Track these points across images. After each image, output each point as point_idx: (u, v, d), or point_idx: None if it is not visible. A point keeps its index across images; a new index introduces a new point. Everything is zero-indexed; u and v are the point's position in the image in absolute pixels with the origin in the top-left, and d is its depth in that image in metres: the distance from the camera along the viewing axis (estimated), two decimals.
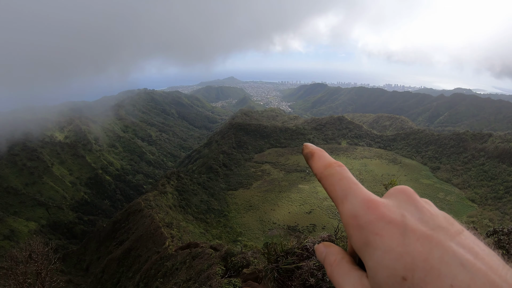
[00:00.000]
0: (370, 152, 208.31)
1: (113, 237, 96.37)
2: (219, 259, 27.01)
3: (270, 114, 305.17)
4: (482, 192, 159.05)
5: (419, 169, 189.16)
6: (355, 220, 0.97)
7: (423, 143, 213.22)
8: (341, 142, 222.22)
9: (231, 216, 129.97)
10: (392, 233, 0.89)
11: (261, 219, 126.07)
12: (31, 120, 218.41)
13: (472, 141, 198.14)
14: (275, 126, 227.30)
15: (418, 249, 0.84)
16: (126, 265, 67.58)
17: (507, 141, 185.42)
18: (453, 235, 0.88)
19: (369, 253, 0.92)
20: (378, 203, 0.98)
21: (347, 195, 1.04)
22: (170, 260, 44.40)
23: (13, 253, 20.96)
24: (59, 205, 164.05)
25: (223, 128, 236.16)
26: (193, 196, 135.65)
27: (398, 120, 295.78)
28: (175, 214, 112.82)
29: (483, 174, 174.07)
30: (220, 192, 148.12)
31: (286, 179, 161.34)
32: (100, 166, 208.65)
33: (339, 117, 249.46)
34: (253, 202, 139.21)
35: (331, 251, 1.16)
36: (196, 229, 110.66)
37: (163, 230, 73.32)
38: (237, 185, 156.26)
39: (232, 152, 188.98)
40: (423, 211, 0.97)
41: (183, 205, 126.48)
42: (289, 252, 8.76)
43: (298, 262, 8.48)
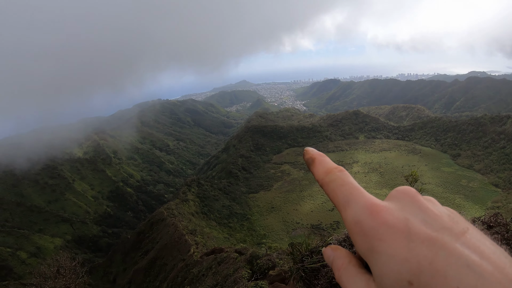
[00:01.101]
0: (389, 144, 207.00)
1: (138, 247, 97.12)
2: (245, 262, 27.10)
3: (285, 114, 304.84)
4: (505, 176, 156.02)
5: (440, 157, 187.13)
6: (358, 227, 0.97)
7: (441, 130, 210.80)
8: (359, 136, 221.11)
9: (254, 219, 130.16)
10: (396, 238, 0.89)
11: (284, 220, 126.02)
12: (50, 139, 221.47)
13: (491, 125, 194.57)
14: (291, 126, 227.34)
15: (423, 253, 0.83)
16: (153, 275, 68.09)
17: None
18: (458, 235, 0.87)
19: (374, 259, 0.92)
20: (380, 208, 0.97)
21: (349, 201, 1.03)
22: (196, 267, 44.63)
23: (41, 270, 21.30)
24: (83, 220, 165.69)
25: (239, 132, 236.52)
26: (215, 202, 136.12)
27: (414, 109, 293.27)
28: (198, 221, 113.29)
29: (505, 157, 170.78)
30: (241, 196, 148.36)
31: (306, 178, 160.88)
32: (120, 179, 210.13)
33: (354, 112, 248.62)
34: (275, 204, 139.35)
35: (338, 255, 1.15)
36: (220, 234, 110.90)
37: (187, 237, 73.72)
38: (257, 188, 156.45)
39: (250, 155, 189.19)
40: (427, 212, 0.96)
41: (205, 211, 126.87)
42: (313, 251, 8.07)
43: (323, 260, 8.24)
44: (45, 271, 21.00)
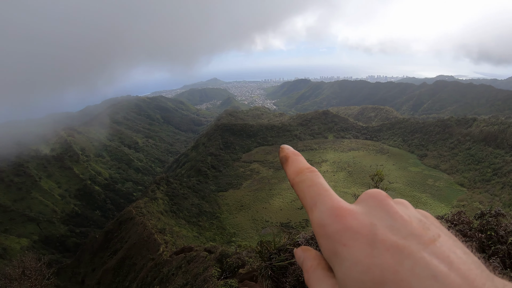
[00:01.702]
0: (357, 143, 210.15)
1: (106, 247, 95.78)
2: (214, 261, 26.97)
3: (255, 113, 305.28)
4: (470, 176, 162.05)
5: (407, 157, 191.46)
6: (323, 229, 0.95)
7: (409, 131, 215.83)
8: (328, 136, 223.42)
9: (223, 218, 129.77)
10: (360, 244, 0.86)
11: (253, 218, 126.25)
12: (15, 135, 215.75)
13: (457, 127, 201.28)
14: (261, 125, 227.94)
15: (387, 261, 0.80)
16: (122, 275, 67.23)
17: (492, 124, 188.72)
18: (426, 243, 0.84)
19: (338, 264, 0.89)
20: (346, 212, 0.95)
21: (316, 202, 1.02)
22: (166, 266, 44.26)
23: (6, 271, 20.72)
24: (49, 219, 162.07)
25: (209, 130, 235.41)
26: (184, 200, 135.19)
27: (382, 110, 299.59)
28: (167, 219, 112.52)
29: (470, 158, 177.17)
30: (211, 194, 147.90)
31: (275, 176, 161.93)
32: (88, 177, 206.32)
33: (324, 112, 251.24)
34: (244, 202, 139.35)
35: (308, 256, 1.12)
36: (190, 233, 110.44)
37: (156, 236, 73.05)
38: (227, 186, 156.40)
39: (219, 153, 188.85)
40: (395, 217, 0.92)
41: (174, 210, 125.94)
42: (281, 249, 9.24)
43: (291, 258, 8.69)
44: (10, 273, 20.44)
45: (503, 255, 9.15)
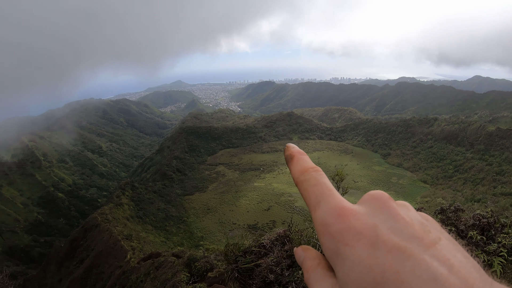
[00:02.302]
0: (322, 144, 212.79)
1: (72, 256, 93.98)
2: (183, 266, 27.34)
3: (220, 116, 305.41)
4: (433, 173, 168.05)
5: (371, 156, 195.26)
6: (326, 228, 0.94)
7: (372, 131, 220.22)
8: (293, 137, 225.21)
9: (190, 221, 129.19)
10: (362, 244, 0.85)
11: (220, 221, 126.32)
12: None
13: (419, 126, 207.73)
14: (226, 127, 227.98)
15: (388, 262, 0.80)
16: (90, 284, 66.51)
17: (452, 123, 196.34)
18: (427, 246, 0.84)
19: (339, 263, 0.89)
20: (349, 212, 0.94)
21: (320, 201, 1.00)
22: (134, 273, 44.23)
23: None
24: (12, 229, 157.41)
25: (173, 133, 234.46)
26: (150, 205, 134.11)
27: (346, 111, 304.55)
28: (133, 225, 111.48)
29: (432, 156, 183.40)
30: (177, 198, 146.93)
31: (241, 178, 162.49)
32: (51, 183, 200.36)
33: (288, 113, 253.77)
34: (211, 205, 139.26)
35: (308, 256, 1.11)
36: (157, 238, 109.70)
37: (123, 243, 72.60)
38: (193, 190, 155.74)
39: (184, 156, 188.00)
40: (397, 219, 0.92)
41: (140, 215, 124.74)
42: (247, 251, 9.71)
43: (257, 260, 9.29)
44: None
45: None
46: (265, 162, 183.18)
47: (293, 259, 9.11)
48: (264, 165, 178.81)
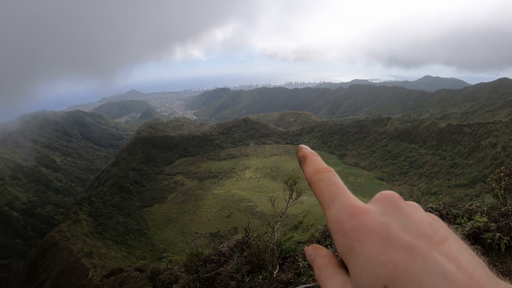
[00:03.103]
0: (279, 149, 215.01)
1: (32, 278, 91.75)
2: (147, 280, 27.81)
3: (175, 124, 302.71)
4: (388, 170, 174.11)
5: (327, 158, 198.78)
6: (339, 226, 0.97)
7: (328, 133, 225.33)
8: (249, 143, 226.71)
9: (151, 234, 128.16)
10: (374, 241, 0.88)
11: (182, 231, 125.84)
12: None
13: (373, 126, 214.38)
14: (182, 136, 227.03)
15: (400, 258, 0.82)
16: None
17: (405, 122, 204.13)
18: (436, 244, 0.87)
19: (353, 260, 0.91)
20: (362, 210, 0.96)
21: (334, 200, 1.03)
22: None
23: None
24: None
25: (129, 144, 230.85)
26: (109, 220, 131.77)
27: (301, 115, 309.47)
28: (93, 241, 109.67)
29: (387, 154, 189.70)
30: (136, 211, 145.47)
31: (200, 187, 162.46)
32: (4, 202, 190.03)
33: (244, 119, 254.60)
34: (171, 216, 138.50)
35: (319, 254, 1.13)
36: (118, 254, 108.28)
37: (83, 261, 71.87)
38: (152, 201, 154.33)
39: (141, 167, 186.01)
40: (408, 218, 0.94)
41: (100, 230, 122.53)
42: (207, 260, 9.88)
43: (217, 268, 9.39)
44: None
45: None
46: (223, 169, 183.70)
47: (252, 265, 9.51)
48: (223, 172, 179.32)
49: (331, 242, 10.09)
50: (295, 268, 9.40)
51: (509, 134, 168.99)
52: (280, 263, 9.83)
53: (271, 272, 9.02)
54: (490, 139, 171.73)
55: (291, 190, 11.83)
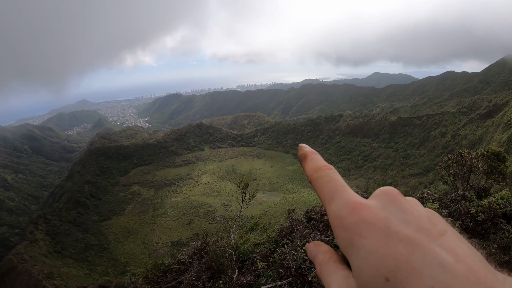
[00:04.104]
0: (234, 152, 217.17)
1: None
2: None
3: (128, 133, 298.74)
4: (344, 165, 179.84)
5: (283, 157, 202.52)
6: (340, 221, 1.00)
7: (282, 133, 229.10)
8: (204, 147, 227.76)
9: (112, 248, 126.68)
10: (375, 235, 0.91)
11: (143, 243, 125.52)
12: None
13: (326, 124, 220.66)
14: (136, 145, 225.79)
15: (400, 251, 0.85)
16: None
17: (357, 118, 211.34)
18: (435, 237, 0.90)
19: (354, 254, 0.94)
20: (362, 205, 1.00)
21: (334, 197, 1.06)
22: None
23: None
24: None
25: (82, 157, 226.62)
26: (67, 237, 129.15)
27: (255, 117, 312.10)
28: (53, 261, 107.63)
29: (341, 150, 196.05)
30: (94, 225, 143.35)
31: (158, 196, 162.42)
32: None
33: (198, 124, 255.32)
34: (131, 227, 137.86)
35: (320, 250, 1.18)
36: (80, 272, 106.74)
37: (45, 282, 71.09)
38: (109, 214, 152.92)
39: (96, 180, 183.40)
40: (407, 212, 0.99)
41: (58, 249, 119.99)
42: (167, 270, 10.07)
43: (178, 277, 9.53)
44: None
45: None
46: (180, 175, 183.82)
47: (212, 270, 9.61)
48: (180, 179, 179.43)
49: (288, 240, 10.58)
50: (254, 270, 9.66)
51: (457, 124, 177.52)
52: (240, 266, 10.06)
53: (231, 277, 9.17)
54: (439, 129, 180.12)
55: (244, 193, 12.17)
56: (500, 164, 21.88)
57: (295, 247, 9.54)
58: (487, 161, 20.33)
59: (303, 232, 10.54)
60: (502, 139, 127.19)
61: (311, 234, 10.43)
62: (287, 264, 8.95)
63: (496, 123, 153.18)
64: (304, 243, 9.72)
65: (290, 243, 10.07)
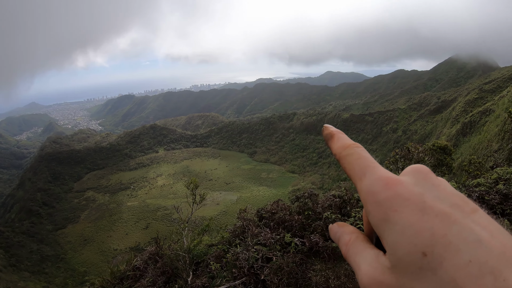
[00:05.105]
0: (189, 153, 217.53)
1: None
2: None
3: (81, 137, 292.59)
4: (299, 163, 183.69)
5: (238, 157, 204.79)
6: (373, 197, 0.97)
7: (237, 133, 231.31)
8: (159, 149, 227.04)
9: (69, 258, 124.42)
10: (411, 210, 0.89)
11: (101, 250, 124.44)
12: None
13: (280, 122, 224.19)
14: (89, 148, 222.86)
15: (436, 225, 0.84)
16: None
17: (310, 116, 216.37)
18: (468, 213, 0.89)
19: (389, 229, 0.91)
20: (396, 181, 0.98)
21: (366, 173, 1.04)
22: None
23: None
24: None
25: (33, 163, 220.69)
26: (21, 249, 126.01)
27: (209, 117, 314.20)
28: (8, 276, 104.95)
29: (295, 147, 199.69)
30: (49, 235, 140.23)
31: (113, 201, 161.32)
32: None
33: (151, 126, 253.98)
34: (87, 235, 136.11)
35: (345, 231, 1.16)
36: (38, 285, 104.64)
37: None
38: (64, 222, 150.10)
39: (49, 187, 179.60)
40: (439, 189, 0.97)
41: (13, 262, 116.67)
42: (123, 277, 10.07)
43: (134, 284, 9.59)
44: None
45: (321, 230, 11.16)
46: (134, 179, 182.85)
47: (167, 275, 9.68)
48: (134, 182, 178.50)
49: (240, 240, 10.93)
50: (209, 272, 9.81)
51: (407, 119, 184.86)
52: (194, 269, 10.14)
53: (186, 280, 9.25)
54: (391, 125, 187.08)
55: (194, 194, 12.40)
56: (446, 157, 23.59)
57: (247, 246, 10.06)
58: (434, 154, 21.91)
59: (255, 231, 10.93)
60: (451, 133, 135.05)
61: (262, 233, 10.79)
62: (240, 264, 9.37)
63: (445, 118, 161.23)
64: (255, 242, 10.36)
65: (242, 243, 10.53)
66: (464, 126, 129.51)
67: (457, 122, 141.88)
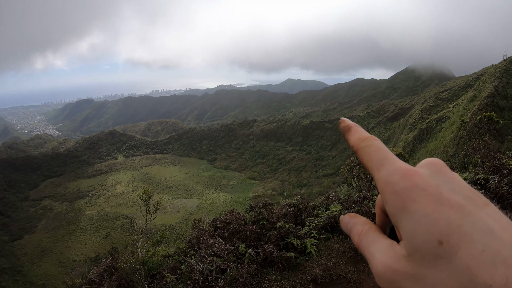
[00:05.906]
0: (149, 159, 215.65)
1: None
2: None
3: (37, 142, 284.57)
4: (259, 169, 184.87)
5: (198, 164, 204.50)
6: (391, 187, 0.99)
7: (197, 139, 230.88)
8: (118, 156, 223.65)
9: (26, 270, 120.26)
10: (428, 200, 0.91)
11: (59, 261, 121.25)
12: None
13: (240, 129, 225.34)
14: (46, 154, 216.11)
15: (452, 216, 0.87)
16: None
17: (270, 123, 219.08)
18: (481, 206, 0.91)
19: (406, 218, 0.93)
20: (413, 172, 0.99)
21: (383, 164, 1.06)
22: None
23: None
24: None
25: None
26: None
27: (169, 123, 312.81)
28: None
29: (255, 154, 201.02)
30: (5, 246, 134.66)
31: (71, 209, 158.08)
32: None
33: (110, 132, 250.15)
34: (45, 246, 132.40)
35: (357, 222, 1.16)
36: None
37: None
38: (20, 232, 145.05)
39: (3, 195, 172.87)
40: (454, 182, 0.99)
41: None
42: None
43: None
44: None
45: (276, 240, 11.22)
46: (93, 186, 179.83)
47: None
48: (93, 190, 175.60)
49: (195, 251, 11.02)
50: (164, 284, 9.80)
51: (366, 126, 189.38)
52: (150, 281, 10.17)
53: None
54: None
55: (147, 205, 12.04)
56: None
57: (201, 258, 10.11)
58: None
59: (209, 242, 10.97)
60: (408, 139, 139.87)
61: (216, 244, 10.81)
62: (195, 276, 9.40)
63: (402, 125, 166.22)
64: (210, 253, 10.40)
65: (197, 254, 10.59)
66: (421, 132, 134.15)
67: (414, 128, 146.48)
